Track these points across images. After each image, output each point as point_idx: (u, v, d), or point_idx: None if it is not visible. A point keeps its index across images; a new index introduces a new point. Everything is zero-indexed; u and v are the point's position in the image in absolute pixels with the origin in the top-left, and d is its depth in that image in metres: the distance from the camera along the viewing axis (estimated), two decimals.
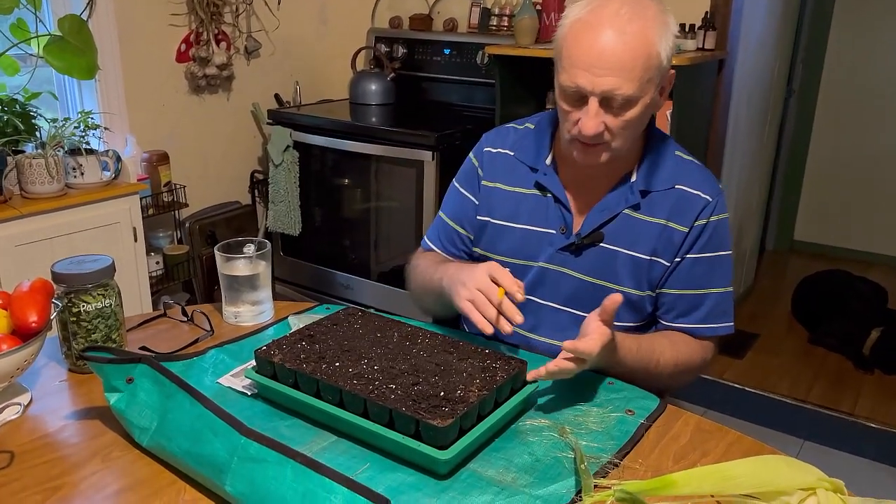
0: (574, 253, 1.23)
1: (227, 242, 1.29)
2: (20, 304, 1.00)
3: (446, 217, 1.37)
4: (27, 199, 2.14)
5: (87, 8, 2.37)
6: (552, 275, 1.25)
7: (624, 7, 1.08)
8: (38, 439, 0.95)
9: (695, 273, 1.21)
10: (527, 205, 1.27)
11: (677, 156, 1.25)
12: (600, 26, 1.07)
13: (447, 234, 1.37)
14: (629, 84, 1.07)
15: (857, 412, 2.61)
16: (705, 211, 1.20)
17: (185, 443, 0.86)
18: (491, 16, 2.91)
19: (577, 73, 1.09)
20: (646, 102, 1.11)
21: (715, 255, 1.22)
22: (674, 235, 1.20)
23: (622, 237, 1.21)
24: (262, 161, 3.16)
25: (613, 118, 1.11)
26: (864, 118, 3.98)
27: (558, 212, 1.25)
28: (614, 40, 1.06)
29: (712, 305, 1.22)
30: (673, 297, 1.23)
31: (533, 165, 1.28)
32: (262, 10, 2.96)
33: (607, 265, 1.22)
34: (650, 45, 1.08)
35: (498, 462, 0.90)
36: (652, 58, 1.08)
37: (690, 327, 1.23)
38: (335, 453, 0.91)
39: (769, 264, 4.08)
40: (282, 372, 1.00)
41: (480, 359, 1.02)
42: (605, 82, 1.07)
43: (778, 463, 0.83)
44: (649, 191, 1.21)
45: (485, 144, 1.35)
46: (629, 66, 1.07)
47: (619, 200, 1.22)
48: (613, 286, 1.23)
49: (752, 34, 2.78)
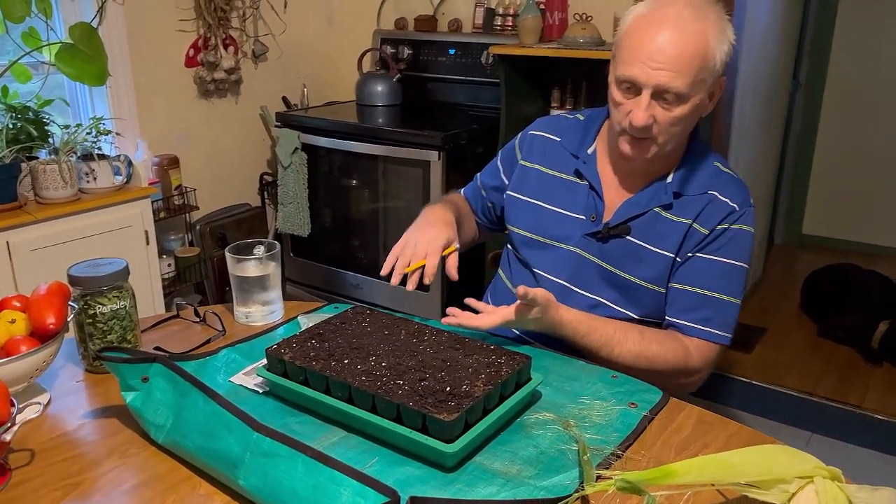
0: (601, 240, 1.27)
1: (238, 244, 1.32)
2: (38, 307, 1.03)
3: (480, 181, 1.51)
4: (41, 204, 2.17)
5: (98, 15, 2.40)
6: (576, 258, 1.29)
7: (688, 8, 1.13)
8: (58, 437, 0.98)
9: (703, 273, 1.23)
10: (561, 188, 1.33)
11: (716, 166, 1.28)
12: (663, 23, 1.12)
13: (475, 193, 1.51)
14: (682, 80, 1.12)
15: (866, 405, 2.61)
16: (730, 217, 1.23)
17: (199, 439, 0.89)
18: (495, 16, 2.92)
19: (634, 65, 1.14)
20: (695, 103, 1.16)
21: (728, 261, 1.23)
22: (695, 235, 1.23)
23: (649, 233, 1.25)
24: (270, 163, 3.19)
25: (663, 112, 1.15)
26: (872, 110, 3.97)
27: (591, 200, 1.29)
28: (674, 37, 1.11)
29: (713, 310, 1.23)
30: (676, 292, 1.25)
31: (575, 153, 1.34)
32: (268, 15, 2.99)
33: (630, 258, 1.26)
34: (708, 47, 1.12)
35: (504, 455, 0.93)
36: (707, 60, 1.13)
37: (682, 324, 1.24)
38: (345, 448, 0.93)
39: (777, 258, 4.08)
40: (292, 370, 1.03)
41: (486, 354, 1.04)
42: (661, 76, 1.12)
43: (776, 452, 0.85)
44: (682, 194, 1.24)
45: (532, 129, 1.43)
46: (685, 63, 1.11)
47: (652, 198, 1.25)
48: (628, 277, 1.26)
49: (756, 27, 2.79)
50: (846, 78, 4.00)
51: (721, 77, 1.19)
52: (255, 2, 2.92)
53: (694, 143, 1.28)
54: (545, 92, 2.74)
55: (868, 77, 3.95)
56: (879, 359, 2.92)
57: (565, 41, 2.51)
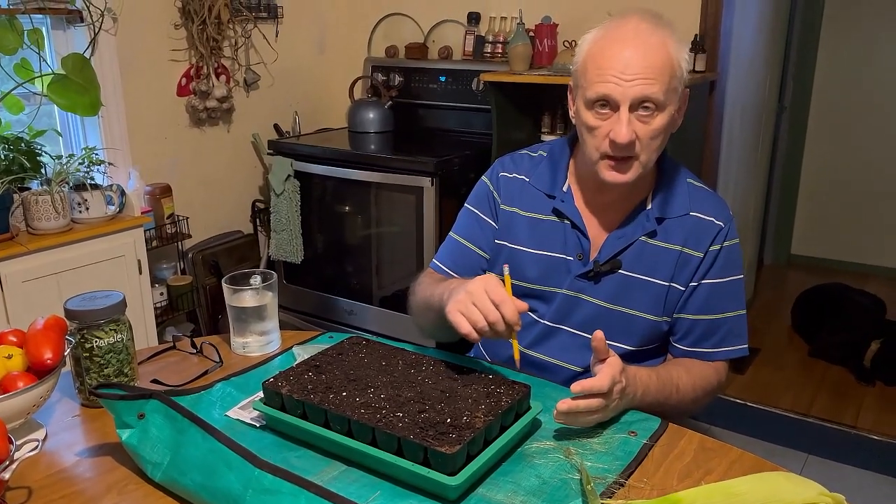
0: (593, 280, 1.26)
1: (234, 274, 1.32)
2: (35, 341, 1.02)
3: (460, 237, 1.37)
4: (33, 235, 2.16)
5: (90, 46, 2.42)
6: (571, 301, 1.27)
7: (643, 23, 1.14)
8: (55, 474, 0.97)
9: (711, 298, 1.24)
10: (544, 230, 1.29)
11: (690, 183, 1.28)
12: (625, 39, 1.13)
13: (461, 253, 1.36)
14: (658, 86, 1.12)
15: (860, 424, 2.62)
16: (719, 237, 1.24)
17: (198, 476, 0.88)
18: (485, 43, 2.96)
19: (606, 83, 1.13)
20: (671, 112, 1.16)
21: (728, 279, 1.25)
22: (690, 261, 1.23)
23: (640, 264, 1.24)
24: (262, 190, 3.20)
25: (643, 126, 1.14)
26: (856, 131, 4.04)
27: (575, 238, 1.27)
28: (640, 49, 1.12)
29: (727, 329, 1.25)
30: (689, 323, 1.25)
31: (549, 192, 1.30)
32: (260, 43, 3.02)
33: (626, 292, 1.25)
34: (672, 55, 1.14)
35: (506, 485, 0.92)
36: (675, 68, 1.14)
37: (705, 352, 1.26)
38: (346, 482, 0.93)
39: (767, 278, 4.11)
40: (290, 403, 1.02)
41: (484, 384, 1.04)
42: (636, 87, 1.12)
43: (780, 479, 0.85)
44: (664, 218, 1.24)
45: (499, 169, 1.37)
46: (657, 71, 1.12)
47: (636, 228, 1.24)
48: (631, 312, 1.25)
49: (741, 54, 2.83)
50: (829, 101, 4.07)
51: (685, 90, 1.20)
52: (247, 31, 2.94)
53: (664, 164, 1.28)
54: (536, 118, 2.77)
55: (850, 99, 4.02)
56: (872, 378, 2.94)
57: (555, 68, 2.54)
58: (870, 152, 4.02)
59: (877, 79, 3.93)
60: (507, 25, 2.92)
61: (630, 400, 1.08)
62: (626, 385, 1.04)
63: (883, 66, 3.90)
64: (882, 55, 3.90)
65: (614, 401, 1.03)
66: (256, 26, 2.97)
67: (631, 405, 1.09)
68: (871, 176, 4.03)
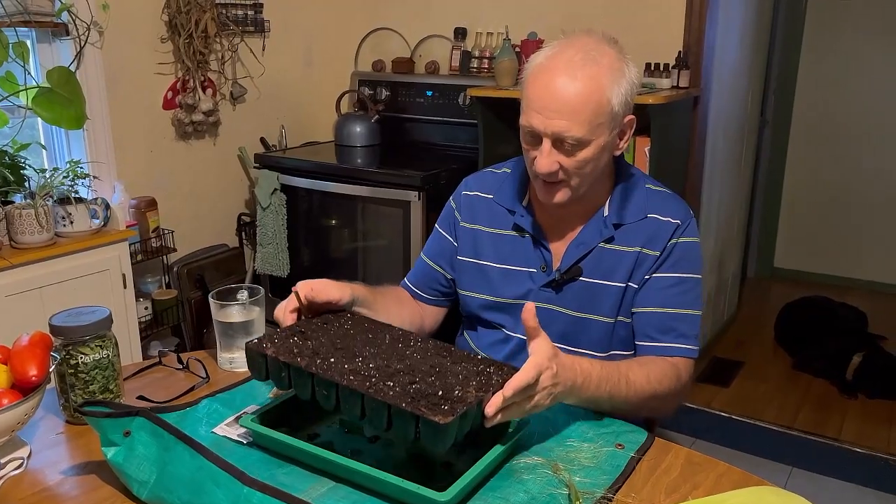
0: (556, 289, 1.28)
1: (221, 290, 1.31)
2: (20, 358, 1.01)
3: (426, 258, 1.45)
4: (17, 249, 2.14)
5: (76, 60, 2.41)
6: (541, 313, 1.28)
7: (579, 54, 1.14)
8: (39, 493, 0.96)
9: (660, 291, 1.25)
10: (507, 245, 1.33)
11: (648, 188, 1.30)
12: (555, 71, 1.14)
13: (425, 273, 1.44)
14: (578, 127, 1.13)
15: (843, 437, 2.64)
16: (676, 233, 1.26)
17: (186, 495, 0.87)
18: (472, 58, 2.98)
19: (532, 114, 1.16)
20: (599, 144, 1.17)
21: (683, 275, 1.25)
22: (647, 259, 1.25)
23: (599, 270, 1.26)
24: (248, 203, 3.19)
25: (567, 158, 1.17)
26: (836, 145, 4.10)
27: (538, 251, 1.31)
28: (565, 85, 1.13)
29: (684, 327, 1.25)
30: (646, 316, 1.25)
31: (511, 208, 1.34)
32: (247, 57, 3.02)
33: (589, 298, 1.27)
34: (601, 91, 1.14)
35: (495, 501, 0.92)
36: (602, 104, 1.14)
37: (655, 346, 1.24)
38: (334, 499, 0.92)
39: (751, 292, 4.14)
40: (274, 366, 1.00)
41: (474, 364, 1.03)
42: (555, 125, 1.14)
43: (768, 494, 0.86)
44: (622, 223, 1.27)
45: (463, 189, 1.43)
46: (578, 109, 1.13)
47: (594, 235, 1.27)
48: (600, 318, 1.27)
49: (724, 69, 2.87)
50: (811, 114, 4.13)
51: (628, 117, 1.20)
52: (233, 45, 2.94)
53: (621, 171, 1.30)
54: None
55: (832, 112, 4.08)
56: (854, 390, 2.97)
57: None
58: (850, 166, 4.08)
59: (857, 92, 4.00)
60: (494, 41, 2.95)
61: (570, 388, 1.02)
62: (556, 371, 0.98)
63: (864, 81, 3.97)
64: (863, 69, 3.97)
65: (545, 388, 0.98)
66: (243, 40, 2.98)
67: (572, 393, 1.04)
68: (853, 189, 4.09)
